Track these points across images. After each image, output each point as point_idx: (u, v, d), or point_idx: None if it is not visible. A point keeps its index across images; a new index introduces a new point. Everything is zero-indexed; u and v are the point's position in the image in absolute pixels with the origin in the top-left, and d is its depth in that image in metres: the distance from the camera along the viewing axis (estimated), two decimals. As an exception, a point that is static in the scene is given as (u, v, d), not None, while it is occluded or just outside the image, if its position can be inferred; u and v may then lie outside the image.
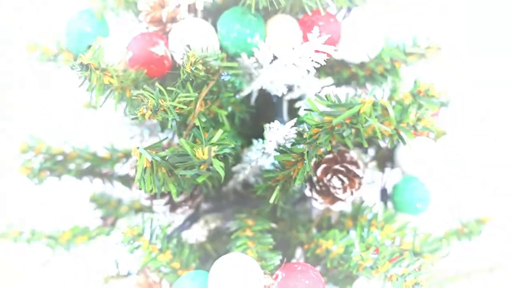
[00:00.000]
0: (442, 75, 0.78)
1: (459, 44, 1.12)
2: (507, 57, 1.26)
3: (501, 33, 1.27)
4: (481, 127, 1.27)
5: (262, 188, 0.63)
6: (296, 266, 0.55)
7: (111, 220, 0.81)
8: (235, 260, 0.54)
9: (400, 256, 0.57)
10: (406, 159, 0.73)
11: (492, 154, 1.31)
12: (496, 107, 1.26)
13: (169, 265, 0.64)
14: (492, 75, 1.27)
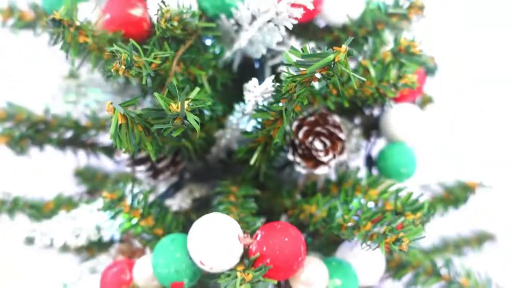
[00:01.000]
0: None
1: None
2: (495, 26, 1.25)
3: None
4: (468, 94, 1.27)
5: (244, 151, 0.62)
6: (276, 225, 0.54)
7: (97, 195, 0.81)
8: (213, 220, 0.53)
9: (382, 216, 0.57)
10: (391, 126, 0.72)
11: (478, 121, 1.31)
12: (482, 76, 1.26)
13: (151, 231, 0.64)
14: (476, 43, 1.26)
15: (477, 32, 1.24)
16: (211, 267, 0.52)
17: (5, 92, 0.68)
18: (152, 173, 0.67)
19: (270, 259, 0.51)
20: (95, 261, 0.73)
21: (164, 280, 0.55)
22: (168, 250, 0.56)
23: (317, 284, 0.57)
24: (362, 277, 0.62)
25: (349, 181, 0.69)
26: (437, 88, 0.84)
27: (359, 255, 0.63)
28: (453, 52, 1.08)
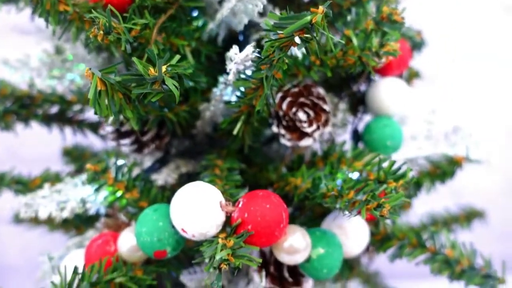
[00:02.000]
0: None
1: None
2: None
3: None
4: (455, 67, 1.27)
5: (227, 122, 0.62)
6: (258, 192, 0.54)
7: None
8: (195, 188, 0.54)
9: (364, 185, 0.57)
10: (378, 100, 0.72)
11: (465, 94, 1.31)
12: (471, 52, 1.26)
13: (136, 204, 0.64)
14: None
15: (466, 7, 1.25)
16: (193, 234, 0.52)
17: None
18: (137, 146, 0.67)
19: (252, 225, 0.52)
20: (82, 237, 0.73)
21: (147, 249, 0.56)
22: (151, 219, 0.56)
23: (300, 252, 0.57)
24: (347, 248, 0.63)
25: (334, 154, 0.69)
26: (425, 64, 0.84)
27: (343, 226, 0.63)
28: (442, 27, 1.08)
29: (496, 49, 1.31)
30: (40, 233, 0.91)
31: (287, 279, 0.63)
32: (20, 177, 0.72)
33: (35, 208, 0.62)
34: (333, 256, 0.59)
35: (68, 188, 0.65)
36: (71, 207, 0.63)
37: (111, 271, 0.57)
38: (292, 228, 0.57)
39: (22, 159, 0.77)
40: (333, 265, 0.59)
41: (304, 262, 0.59)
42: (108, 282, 0.56)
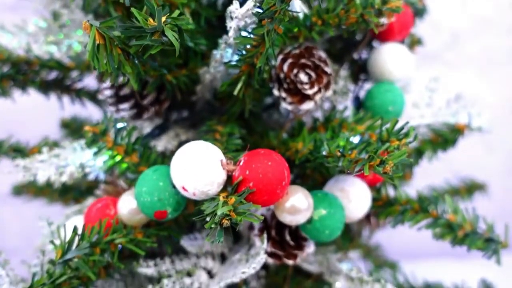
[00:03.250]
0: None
1: None
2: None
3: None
4: (456, 34, 1.26)
5: (227, 84, 0.61)
6: (259, 151, 0.54)
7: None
8: (196, 146, 0.53)
9: (367, 144, 0.56)
10: (379, 65, 0.71)
11: (468, 61, 1.30)
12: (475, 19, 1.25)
13: (136, 168, 0.63)
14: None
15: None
16: (194, 192, 0.52)
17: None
18: (136, 111, 0.66)
19: (253, 182, 0.51)
20: (81, 205, 0.73)
21: (148, 209, 0.55)
22: (151, 179, 0.55)
23: (302, 212, 0.56)
24: (349, 211, 0.62)
25: (335, 120, 0.68)
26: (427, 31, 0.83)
27: (345, 189, 0.62)
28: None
29: (502, 18, 1.30)
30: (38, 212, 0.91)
31: (288, 243, 0.63)
32: (18, 144, 0.71)
33: (34, 171, 0.61)
34: (335, 217, 0.58)
35: (67, 152, 0.64)
36: (70, 172, 0.62)
37: (111, 232, 0.57)
38: (294, 188, 0.57)
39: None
40: (335, 227, 0.58)
41: (306, 223, 0.58)
42: (108, 243, 0.55)
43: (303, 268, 0.76)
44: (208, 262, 0.67)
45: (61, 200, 0.86)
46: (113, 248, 0.56)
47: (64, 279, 0.54)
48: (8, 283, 0.56)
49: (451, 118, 0.78)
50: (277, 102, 0.76)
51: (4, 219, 1.40)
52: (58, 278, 0.53)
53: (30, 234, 0.94)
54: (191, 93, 0.71)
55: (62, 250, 0.52)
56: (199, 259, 0.67)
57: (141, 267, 0.61)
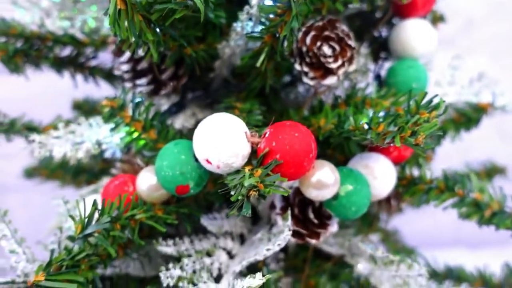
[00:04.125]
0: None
1: None
2: None
3: None
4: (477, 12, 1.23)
5: (249, 56, 0.59)
6: (285, 123, 0.52)
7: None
8: (220, 118, 0.51)
9: (395, 117, 0.54)
10: (401, 42, 0.69)
11: (482, 47, 1.28)
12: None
13: (153, 145, 0.61)
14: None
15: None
16: (218, 165, 0.50)
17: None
18: (154, 87, 0.64)
19: (280, 154, 0.49)
20: (96, 185, 0.71)
21: (169, 184, 0.53)
22: (172, 152, 0.53)
23: (328, 187, 0.54)
24: (374, 189, 0.60)
25: (357, 97, 0.66)
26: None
27: (370, 166, 0.60)
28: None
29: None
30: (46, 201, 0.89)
31: (312, 221, 0.61)
32: (31, 123, 0.69)
33: (49, 148, 0.60)
34: (361, 193, 0.56)
35: (83, 129, 0.62)
36: (86, 148, 0.61)
37: (131, 208, 0.55)
38: (320, 162, 0.55)
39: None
40: (362, 203, 0.56)
41: (331, 199, 0.56)
42: (128, 219, 0.54)
43: (323, 250, 0.74)
44: (228, 242, 0.66)
45: (73, 183, 0.84)
46: (134, 224, 0.54)
47: (83, 256, 0.52)
48: (25, 261, 0.55)
49: (473, 97, 0.76)
50: (296, 80, 0.74)
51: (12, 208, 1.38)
52: (77, 255, 0.52)
53: (37, 223, 0.92)
54: (209, 69, 0.69)
55: (81, 225, 0.51)
56: (218, 239, 0.65)
57: (160, 246, 0.60)
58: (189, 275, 0.58)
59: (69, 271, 0.51)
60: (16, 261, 0.55)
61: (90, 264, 0.54)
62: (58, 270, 0.50)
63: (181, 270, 0.58)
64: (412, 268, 0.60)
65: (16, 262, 0.54)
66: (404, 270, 0.62)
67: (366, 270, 0.68)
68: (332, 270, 0.73)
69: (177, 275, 0.58)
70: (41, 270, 0.50)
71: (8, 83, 0.68)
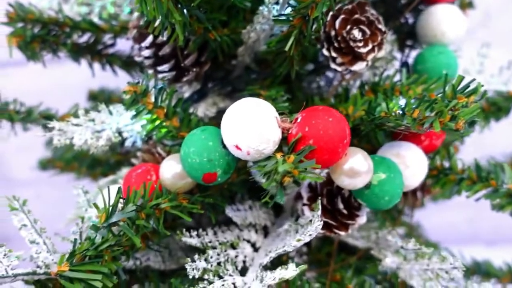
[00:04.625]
0: None
1: None
2: None
3: None
4: None
5: (276, 40, 0.57)
6: (318, 107, 0.49)
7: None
8: (249, 103, 0.49)
9: (431, 102, 0.52)
10: (430, 27, 0.67)
11: (500, 39, 1.25)
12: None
13: (176, 133, 0.59)
14: None
15: None
16: (248, 151, 0.47)
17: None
18: (176, 73, 0.62)
19: (314, 140, 0.47)
20: (115, 176, 0.69)
21: (196, 171, 0.51)
22: (199, 138, 0.51)
23: (361, 176, 0.52)
24: (406, 179, 0.58)
25: (386, 84, 0.64)
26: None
27: (402, 154, 0.58)
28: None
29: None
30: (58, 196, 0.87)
31: (341, 212, 0.59)
32: (48, 111, 0.67)
33: (69, 135, 0.58)
34: (395, 182, 0.54)
35: (103, 116, 0.60)
36: (107, 136, 0.58)
37: (155, 197, 0.53)
38: (352, 149, 0.53)
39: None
40: (395, 192, 0.54)
41: (363, 189, 0.54)
42: (153, 208, 0.52)
43: (347, 244, 0.72)
44: (252, 234, 0.63)
45: (89, 175, 0.82)
46: (158, 213, 0.52)
47: (106, 246, 0.50)
48: (46, 251, 0.53)
49: (502, 86, 0.74)
50: (319, 68, 0.72)
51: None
52: (101, 245, 0.50)
53: (49, 216, 0.90)
54: (231, 56, 0.67)
55: (106, 214, 0.49)
56: (242, 231, 0.63)
57: (184, 237, 0.57)
58: (214, 267, 0.56)
59: (93, 262, 0.49)
60: (36, 251, 0.52)
61: (113, 255, 0.52)
62: (81, 261, 0.48)
63: (206, 262, 0.56)
64: (446, 261, 0.58)
65: (36, 252, 0.52)
66: (437, 264, 0.59)
67: (394, 264, 0.66)
68: (357, 265, 0.71)
69: (202, 267, 0.55)
70: (63, 260, 0.48)
71: (22, 75, 0.66)
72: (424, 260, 0.61)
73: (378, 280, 0.70)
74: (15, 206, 0.56)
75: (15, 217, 0.55)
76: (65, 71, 0.77)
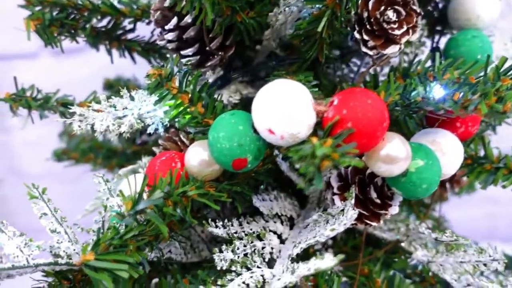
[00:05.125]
0: None
1: None
2: None
3: None
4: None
5: (307, 22, 0.55)
6: (354, 89, 0.47)
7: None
8: (282, 84, 0.46)
9: (472, 85, 0.49)
10: (464, 11, 0.64)
11: None
12: None
13: (200, 120, 0.56)
14: None
15: None
16: (282, 135, 0.45)
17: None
18: (200, 57, 0.60)
19: (352, 123, 0.44)
20: (135, 165, 0.67)
21: (225, 157, 0.48)
22: (229, 123, 0.49)
23: (399, 162, 0.49)
24: (442, 167, 0.55)
25: (418, 69, 0.61)
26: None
27: (437, 141, 0.55)
28: None
29: None
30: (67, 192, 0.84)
31: (374, 201, 0.56)
32: (65, 98, 0.65)
33: (90, 121, 0.55)
34: (433, 169, 0.51)
35: (125, 102, 0.58)
36: (129, 122, 0.56)
37: (181, 185, 0.50)
38: (390, 134, 0.50)
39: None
40: (433, 180, 0.51)
41: (399, 176, 0.51)
42: (180, 196, 0.49)
43: (374, 237, 0.69)
44: (278, 226, 0.61)
45: (104, 166, 0.80)
46: (186, 201, 0.50)
47: (131, 236, 0.48)
48: (67, 241, 0.50)
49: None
50: (346, 53, 0.69)
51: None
52: (126, 234, 0.47)
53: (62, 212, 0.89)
54: (256, 41, 0.65)
55: (132, 201, 0.46)
56: (267, 222, 0.61)
57: (211, 227, 0.55)
58: (241, 259, 0.54)
59: (119, 251, 0.46)
60: (58, 241, 0.50)
61: (138, 245, 0.50)
62: (106, 250, 0.46)
63: (233, 253, 0.54)
64: (484, 253, 0.55)
65: (58, 242, 0.50)
66: (474, 256, 0.57)
67: (425, 257, 0.63)
68: (384, 258, 0.68)
69: (230, 258, 0.53)
70: (87, 250, 0.46)
71: (33, 68, 0.63)
72: (459, 252, 0.58)
73: (408, 274, 0.67)
74: (35, 194, 0.54)
75: (35, 206, 0.53)
76: (76, 64, 0.75)
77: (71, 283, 0.54)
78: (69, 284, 0.54)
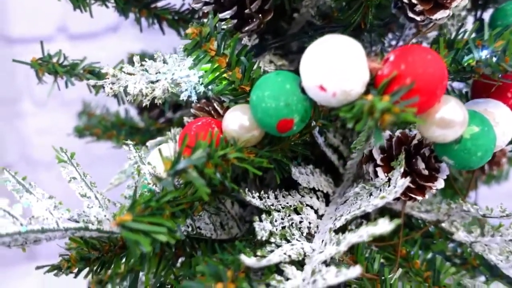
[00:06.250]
0: None
1: None
2: None
3: None
4: None
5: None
6: (411, 45, 0.44)
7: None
8: (334, 39, 0.43)
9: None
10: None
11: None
12: None
13: (237, 86, 0.54)
14: None
15: None
16: (334, 92, 0.42)
17: None
18: (238, 21, 0.57)
19: (412, 78, 0.41)
20: (162, 137, 0.64)
21: (271, 117, 0.45)
22: (276, 81, 0.46)
23: (454, 126, 0.46)
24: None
25: (463, 40, 0.58)
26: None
27: (490, 111, 0.52)
28: None
29: None
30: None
31: (421, 173, 0.53)
32: (92, 66, 0.62)
33: (123, 83, 0.52)
34: (489, 136, 0.48)
35: (158, 66, 0.55)
36: (163, 86, 0.53)
37: (221, 148, 0.47)
38: (445, 96, 0.47)
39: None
40: (488, 148, 0.48)
41: (451, 143, 0.48)
42: (221, 158, 0.46)
43: (412, 218, 0.66)
44: (314, 201, 0.58)
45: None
46: (226, 164, 0.47)
47: (168, 199, 0.45)
48: (98, 206, 0.47)
49: None
50: (389, 22, 0.66)
51: (46, 182, 1.32)
52: (163, 197, 0.44)
53: (70, 201, 0.86)
54: (293, 10, 0.62)
55: (172, 161, 0.43)
56: (303, 197, 0.58)
57: (248, 197, 0.52)
58: (279, 231, 0.51)
59: (155, 214, 0.43)
60: (88, 206, 0.47)
61: (173, 212, 0.46)
62: (143, 213, 0.43)
63: (271, 225, 0.51)
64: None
65: (88, 207, 0.47)
66: (525, 234, 0.54)
67: (468, 238, 0.60)
68: (422, 240, 0.65)
69: (269, 230, 0.50)
70: (123, 211, 0.42)
71: (53, 52, 0.60)
72: (509, 231, 0.55)
73: (448, 256, 0.64)
74: (63, 158, 0.51)
75: (63, 170, 0.50)
76: (94, 48, 0.71)
77: (99, 253, 0.51)
78: (98, 254, 0.51)
